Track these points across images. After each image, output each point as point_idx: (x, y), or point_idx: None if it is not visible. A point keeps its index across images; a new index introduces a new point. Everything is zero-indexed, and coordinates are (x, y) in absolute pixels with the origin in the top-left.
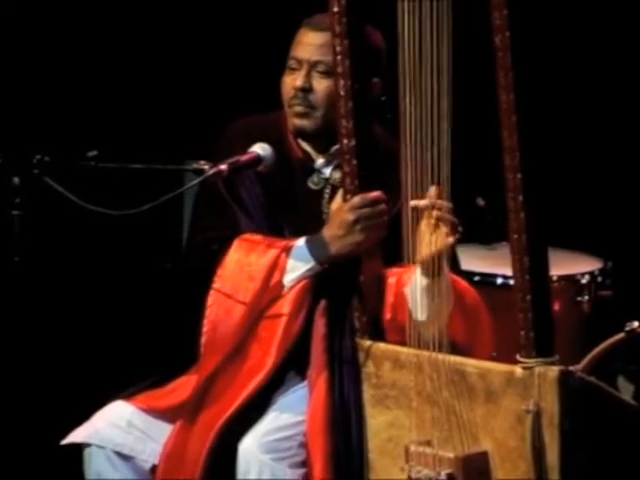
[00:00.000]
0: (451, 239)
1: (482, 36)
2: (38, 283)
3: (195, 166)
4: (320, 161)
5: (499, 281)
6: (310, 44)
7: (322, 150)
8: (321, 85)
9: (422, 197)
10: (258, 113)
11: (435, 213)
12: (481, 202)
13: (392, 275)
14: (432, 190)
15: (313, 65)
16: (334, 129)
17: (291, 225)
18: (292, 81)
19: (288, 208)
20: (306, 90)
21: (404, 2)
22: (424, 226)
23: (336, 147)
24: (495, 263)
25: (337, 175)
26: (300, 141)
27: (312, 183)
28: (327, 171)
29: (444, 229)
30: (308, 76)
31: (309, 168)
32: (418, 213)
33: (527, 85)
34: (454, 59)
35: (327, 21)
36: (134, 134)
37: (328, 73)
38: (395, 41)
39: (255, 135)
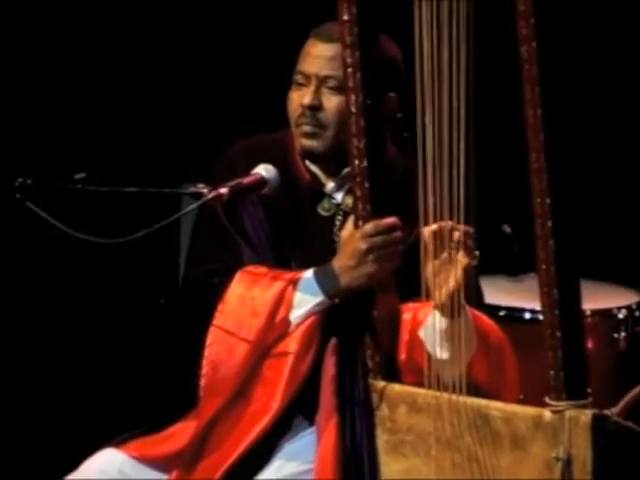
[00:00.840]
0: (466, 261)
1: (507, 47)
2: (21, 318)
3: (193, 190)
4: (330, 185)
5: (527, 316)
6: (319, 57)
7: (333, 173)
8: (331, 102)
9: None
10: (261, 132)
11: (455, 235)
12: (507, 229)
13: (408, 310)
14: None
15: (322, 80)
16: (346, 150)
17: (299, 255)
18: (299, 98)
19: (295, 236)
20: (315, 108)
21: (421, 10)
22: (439, 261)
23: (348, 170)
24: (522, 296)
25: (350, 200)
26: (308, 163)
27: (322, 209)
28: (338, 196)
29: (461, 256)
30: (317, 92)
31: (318, 192)
32: (436, 241)
33: (556, 100)
34: (476, 72)
35: (337, 31)
36: (126, 154)
37: (339, 89)
38: (411, 53)
39: (258, 156)
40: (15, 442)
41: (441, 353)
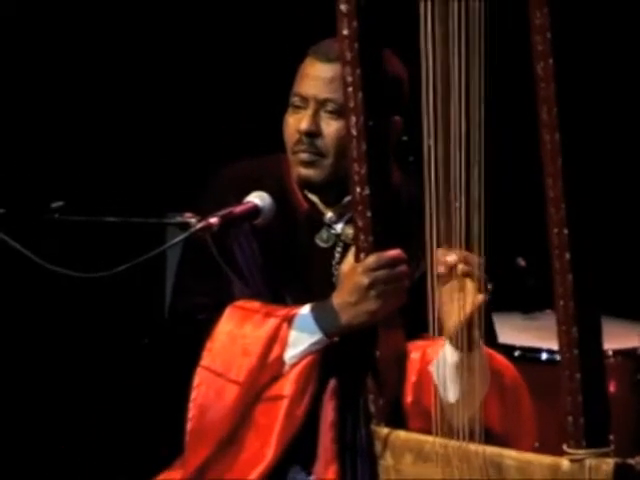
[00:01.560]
0: (480, 297)
1: (521, 64)
2: None
3: (180, 219)
4: (329, 214)
5: (543, 357)
6: (317, 78)
7: (332, 202)
8: (330, 128)
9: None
10: (253, 155)
11: (461, 267)
12: (521, 262)
13: (415, 349)
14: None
15: (321, 104)
16: (346, 178)
17: (294, 290)
18: (296, 122)
19: (291, 270)
20: (313, 134)
21: (427, 23)
22: (450, 288)
23: (349, 198)
24: (538, 335)
25: (350, 230)
26: (306, 191)
27: (320, 240)
28: (338, 226)
29: (472, 287)
30: (315, 117)
31: (317, 222)
32: (445, 274)
33: (574, 122)
34: (487, 92)
35: (337, 49)
36: (108, 181)
37: (339, 113)
38: (417, 69)
39: (251, 183)
40: None
41: (451, 391)
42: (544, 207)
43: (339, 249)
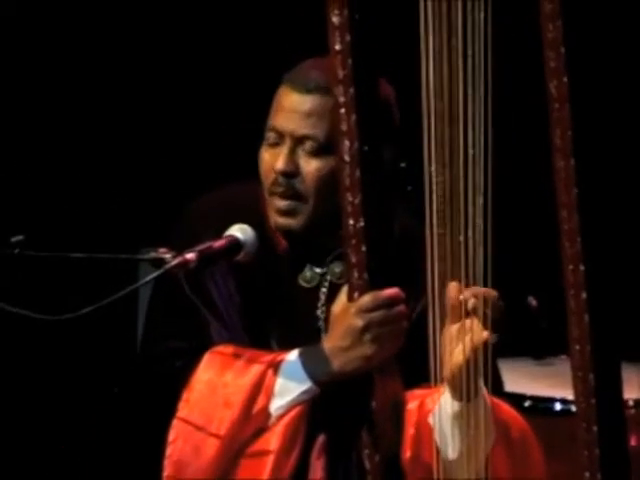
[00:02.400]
0: (484, 335)
1: (532, 82)
2: None
3: (154, 255)
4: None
5: (557, 407)
6: (293, 111)
7: (315, 248)
8: (310, 167)
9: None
10: (228, 184)
11: (472, 302)
12: (533, 302)
13: (413, 399)
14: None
15: (299, 141)
16: (331, 223)
17: (276, 335)
18: (272, 159)
19: (272, 312)
20: (290, 175)
21: (429, 39)
22: (453, 331)
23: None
24: (551, 383)
25: (337, 269)
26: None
27: (303, 280)
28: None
29: (478, 327)
30: (292, 155)
31: (299, 260)
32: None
33: (591, 147)
34: (494, 113)
35: (317, 77)
36: (74, 213)
37: (319, 151)
38: (417, 90)
39: (227, 216)
40: None
41: (453, 446)
42: (558, 241)
43: (324, 289)
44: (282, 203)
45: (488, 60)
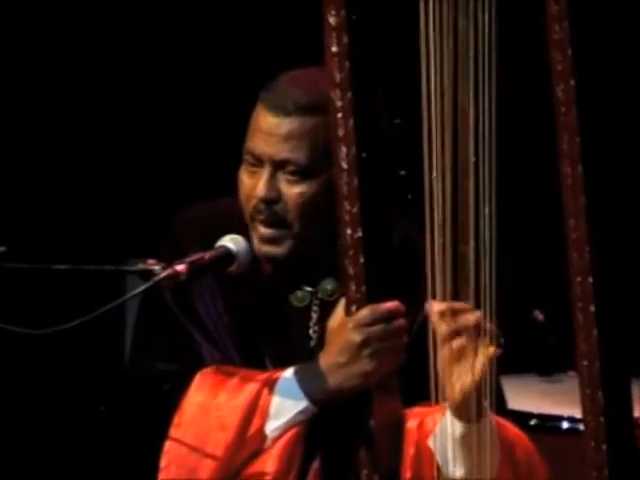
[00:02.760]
0: (490, 350)
1: (538, 86)
2: None
3: (142, 267)
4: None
5: (564, 426)
6: (272, 135)
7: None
8: (292, 191)
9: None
10: (214, 197)
11: (475, 318)
12: (539, 316)
13: (413, 417)
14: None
15: (279, 165)
16: (317, 246)
17: (269, 356)
18: (251, 183)
19: (263, 333)
20: (271, 201)
21: (428, 41)
22: (454, 348)
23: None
24: (558, 401)
25: (329, 286)
26: None
27: (295, 299)
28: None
29: (481, 346)
30: (272, 180)
31: (289, 279)
32: (448, 325)
33: (600, 153)
34: (499, 117)
35: (296, 96)
36: (58, 223)
37: (301, 174)
38: (417, 90)
39: (215, 229)
40: None
41: (455, 468)
42: (565, 251)
43: (315, 308)
44: (266, 231)
45: (492, 62)
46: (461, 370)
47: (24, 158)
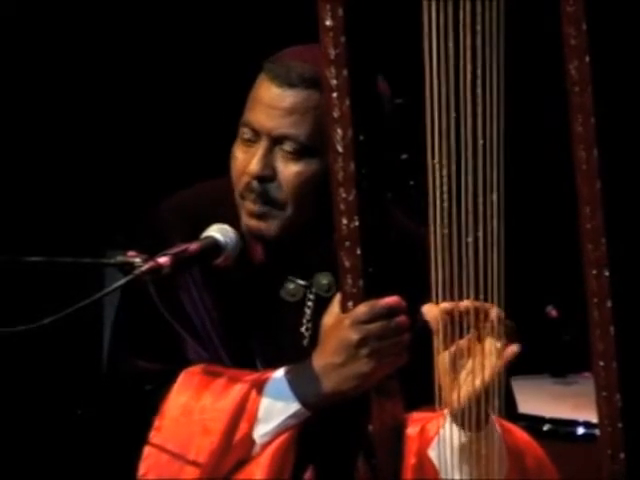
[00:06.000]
0: (500, 363)
1: (551, 62)
2: None
3: (122, 259)
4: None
5: (579, 431)
6: (273, 107)
7: (293, 257)
8: (288, 170)
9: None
10: (200, 181)
11: (495, 313)
12: (553, 313)
13: (414, 423)
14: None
15: (277, 140)
16: (312, 232)
17: (259, 354)
18: (245, 158)
19: (253, 330)
20: (265, 179)
21: (432, 21)
22: (456, 351)
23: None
24: (573, 404)
25: (324, 280)
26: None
27: (286, 293)
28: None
29: (488, 349)
30: (268, 156)
31: (280, 271)
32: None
33: (616, 136)
34: (508, 98)
35: (302, 68)
36: (32, 214)
37: (300, 153)
38: (420, 72)
39: (200, 218)
40: None
41: (460, 478)
42: (580, 243)
43: (309, 303)
44: (254, 206)
45: (500, 37)
46: (465, 376)
47: None
